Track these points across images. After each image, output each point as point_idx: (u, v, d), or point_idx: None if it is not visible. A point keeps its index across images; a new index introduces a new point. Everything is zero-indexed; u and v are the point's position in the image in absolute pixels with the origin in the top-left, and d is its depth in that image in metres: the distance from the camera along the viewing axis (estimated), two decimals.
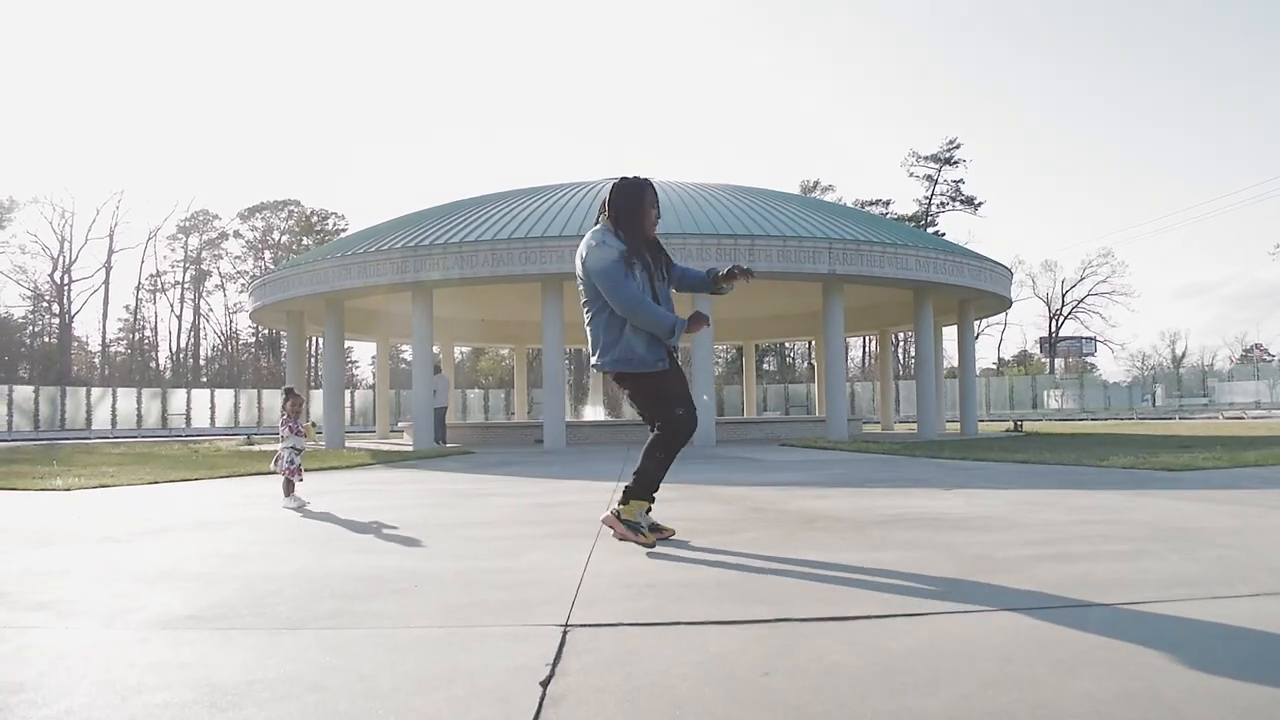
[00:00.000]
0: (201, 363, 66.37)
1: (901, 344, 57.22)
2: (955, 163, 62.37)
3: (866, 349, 64.12)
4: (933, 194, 63.28)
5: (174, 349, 64.85)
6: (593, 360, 3.96)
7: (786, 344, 60.70)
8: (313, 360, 51.56)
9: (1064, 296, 64.37)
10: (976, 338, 26.85)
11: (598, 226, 3.92)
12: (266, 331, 60.31)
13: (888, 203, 63.83)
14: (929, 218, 62.87)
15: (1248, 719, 1.63)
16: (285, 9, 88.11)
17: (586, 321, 3.95)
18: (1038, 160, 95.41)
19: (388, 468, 11.17)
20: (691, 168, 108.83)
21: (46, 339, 59.38)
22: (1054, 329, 64.31)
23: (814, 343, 32.27)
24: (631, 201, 3.88)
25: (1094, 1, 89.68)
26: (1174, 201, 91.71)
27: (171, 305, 64.33)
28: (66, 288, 56.95)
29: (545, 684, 1.87)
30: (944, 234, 59.16)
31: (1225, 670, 1.89)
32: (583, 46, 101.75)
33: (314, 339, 25.55)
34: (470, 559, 3.53)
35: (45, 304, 58.44)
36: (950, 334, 24.56)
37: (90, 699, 1.82)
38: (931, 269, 17.76)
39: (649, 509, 3.89)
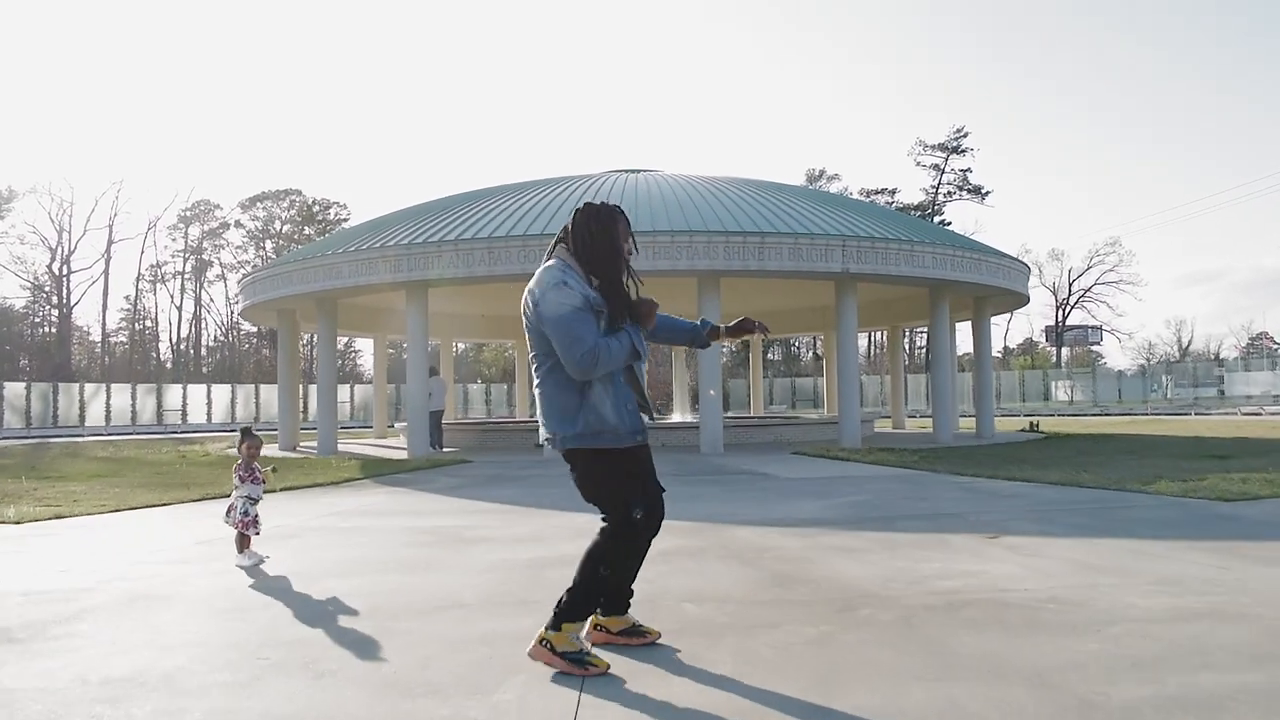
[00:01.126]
0: (203, 354, 65.74)
1: (909, 335, 56.36)
2: (963, 151, 61.36)
3: (873, 339, 63.25)
4: (940, 183, 62.30)
5: (175, 340, 64.26)
6: (543, 434, 3.05)
7: (792, 336, 59.88)
8: (310, 351, 50.87)
9: (1071, 286, 63.50)
10: None
11: (551, 263, 3.04)
12: None
13: (894, 192, 62.86)
14: (936, 207, 61.86)
15: None
16: None
17: (536, 383, 3.06)
18: (1045, 149, 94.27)
19: (375, 484, 10.51)
20: (695, 159, 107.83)
21: (46, 329, 58.79)
22: (1061, 318, 63.39)
23: (822, 338, 31.48)
24: (605, 233, 3.01)
25: None
26: (1176, 191, 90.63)
27: (172, 296, 63.74)
28: (65, 279, 56.33)
29: None
30: (950, 224, 58.27)
31: None
32: (587, 36, 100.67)
33: (310, 334, 24.80)
34: (427, 697, 2.75)
35: (44, 295, 57.82)
36: (962, 327, 23.72)
37: None
38: (949, 266, 16.93)
39: (596, 624, 3.25)
